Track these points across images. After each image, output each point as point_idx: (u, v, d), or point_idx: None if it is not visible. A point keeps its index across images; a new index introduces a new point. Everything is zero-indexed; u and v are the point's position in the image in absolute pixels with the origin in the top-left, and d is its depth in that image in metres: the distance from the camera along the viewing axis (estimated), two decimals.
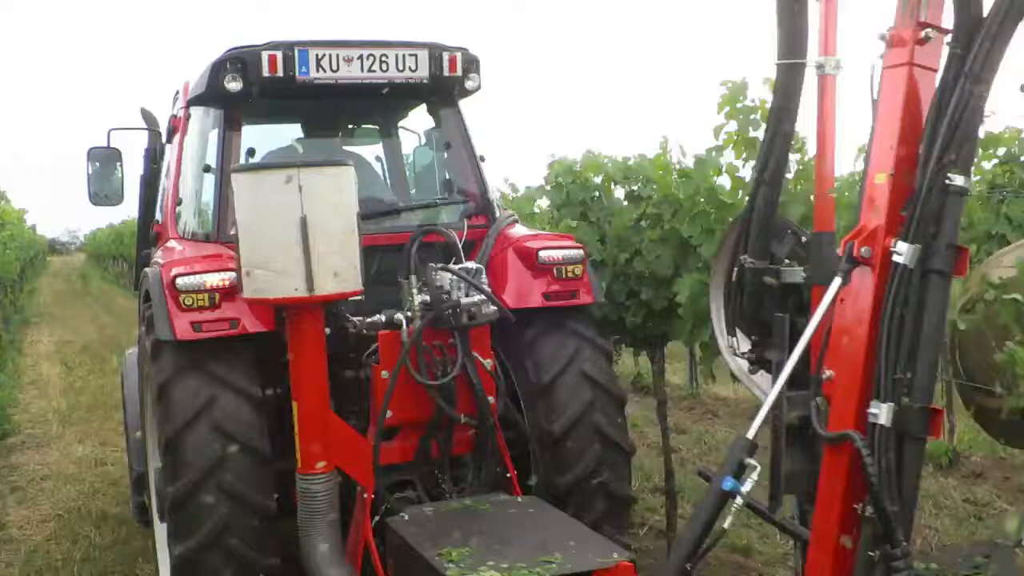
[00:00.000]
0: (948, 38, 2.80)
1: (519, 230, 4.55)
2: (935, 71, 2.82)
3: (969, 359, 3.53)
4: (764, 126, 3.56)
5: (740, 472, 2.82)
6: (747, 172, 4.73)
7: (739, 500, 2.77)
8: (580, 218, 6.34)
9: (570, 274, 4.22)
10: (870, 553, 2.76)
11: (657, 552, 5.74)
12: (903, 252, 2.73)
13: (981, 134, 3.51)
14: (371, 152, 5.29)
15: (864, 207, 2.91)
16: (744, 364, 3.63)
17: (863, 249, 2.82)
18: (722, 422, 9.39)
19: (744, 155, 4.67)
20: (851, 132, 3.41)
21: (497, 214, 4.67)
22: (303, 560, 3.66)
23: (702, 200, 5.12)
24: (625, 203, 6.23)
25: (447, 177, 4.86)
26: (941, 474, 7.31)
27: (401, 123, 5.31)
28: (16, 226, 19.68)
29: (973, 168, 4.13)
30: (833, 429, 2.87)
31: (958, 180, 2.70)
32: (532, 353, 4.22)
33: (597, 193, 6.50)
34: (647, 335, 5.90)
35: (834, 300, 2.89)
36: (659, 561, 5.46)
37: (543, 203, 7.58)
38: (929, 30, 2.82)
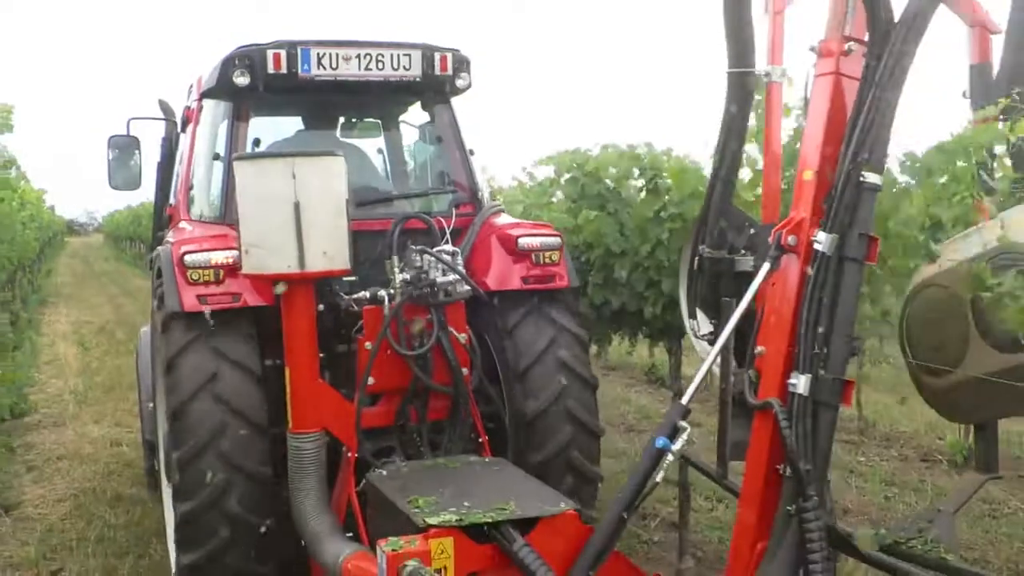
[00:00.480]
0: None
1: (503, 219, 5.14)
2: (858, 79, 3.36)
3: (916, 341, 4.05)
4: None
5: (674, 433, 3.41)
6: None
7: (670, 456, 3.36)
8: (599, 209, 6.69)
9: (547, 260, 4.82)
10: (788, 508, 3.33)
11: (668, 543, 6.07)
12: (822, 241, 3.29)
13: None
14: (370, 144, 5.88)
15: (794, 201, 3.47)
16: (707, 346, 4.21)
17: (790, 238, 3.38)
18: None
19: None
20: None
21: (484, 204, 5.25)
22: (292, 511, 4.26)
23: None
24: (643, 195, 6.57)
25: (439, 168, 5.44)
26: (956, 471, 7.64)
27: (400, 118, 5.89)
28: (35, 206, 20.49)
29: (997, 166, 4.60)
30: (761, 399, 3.44)
31: (871, 177, 3.25)
32: (512, 339, 4.80)
33: (611, 183, 6.87)
34: (666, 326, 6.26)
35: (764, 283, 3.46)
36: (670, 554, 5.88)
37: (560, 195, 7.95)
38: (852, 43, 3.37)
